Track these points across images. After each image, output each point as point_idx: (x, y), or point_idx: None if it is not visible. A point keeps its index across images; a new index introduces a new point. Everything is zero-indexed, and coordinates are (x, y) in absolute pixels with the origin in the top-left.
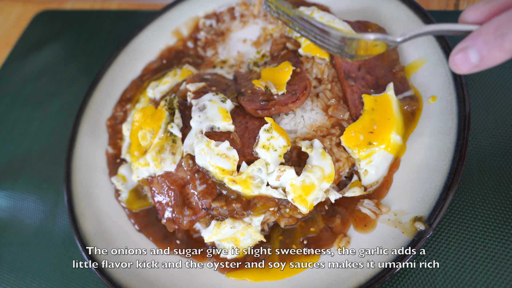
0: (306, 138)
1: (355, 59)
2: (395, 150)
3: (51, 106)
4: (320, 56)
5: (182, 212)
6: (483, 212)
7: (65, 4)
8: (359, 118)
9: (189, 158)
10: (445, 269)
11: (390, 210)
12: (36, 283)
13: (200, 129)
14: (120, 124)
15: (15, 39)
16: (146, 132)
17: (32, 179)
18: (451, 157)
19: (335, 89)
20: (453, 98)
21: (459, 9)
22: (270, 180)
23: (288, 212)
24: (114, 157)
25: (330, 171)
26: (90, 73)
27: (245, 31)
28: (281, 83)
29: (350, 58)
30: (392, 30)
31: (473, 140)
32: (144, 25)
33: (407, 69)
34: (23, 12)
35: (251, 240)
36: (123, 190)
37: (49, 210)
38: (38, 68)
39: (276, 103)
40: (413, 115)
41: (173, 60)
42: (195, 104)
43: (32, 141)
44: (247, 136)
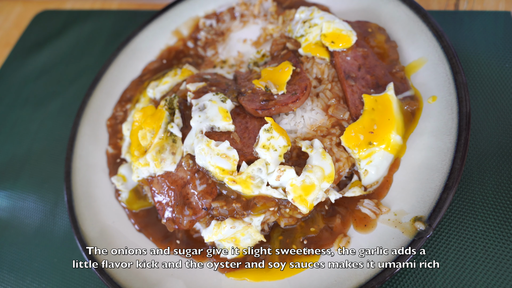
0: (306, 138)
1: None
2: (395, 150)
3: (51, 106)
4: (320, 56)
5: (182, 212)
6: (483, 212)
7: (65, 4)
8: (359, 118)
9: (189, 158)
10: (445, 269)
11: (390, 210)
12: (36, 283)
13: (200, 129)
14: (120, 124)
15: (15, 39)
16: (146, 132)
17: (32, 179)
18: (451, 157)
19: (335, 89)
20: (453, 98)
21: (459, 9)
22: (270, 180)
23: (288, 212)
24: (114, 157)
25: (330, 171)
26: (90, 73)
27: (245, 31)
28: (281, 83)
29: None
30: (392, 30)
31: (473, 140)
32: (144, 25)
33: (407, 69)
34: (23, 12)
35: (251, 240)
36: (123, 190)
37: (49, 210)
38: (38, 68)
39: (276, 103)
40: (413, 115)
41: (173, 60)
42: (195, 104)
43: (32, 141)
44: (247, 136)
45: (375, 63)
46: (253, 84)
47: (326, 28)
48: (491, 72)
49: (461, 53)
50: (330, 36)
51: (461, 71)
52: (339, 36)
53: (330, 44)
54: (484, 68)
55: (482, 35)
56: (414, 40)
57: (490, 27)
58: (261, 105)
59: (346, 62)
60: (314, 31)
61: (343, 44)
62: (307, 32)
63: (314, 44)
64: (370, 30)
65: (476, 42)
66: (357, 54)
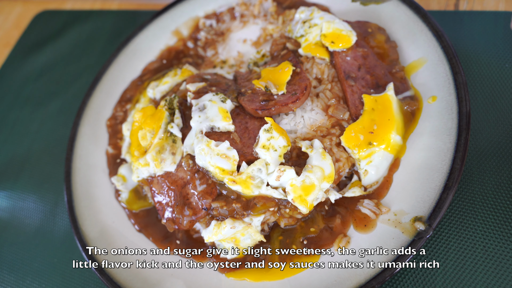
0: (306, 138)
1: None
2: (395, 150)
3: (51, 106)
4: (320, 56)
5: (182, 212)
6: (483, 212)
7: (65, 4)
8: (359, 118)
9: (189, 158)
10: (445, 269)
11: (390, 210)
12: (36, 283)
13: (200, 129)
14: (120, 124)
15: (15, 39)
16: (146, 132)
17: (32, 179)
18: (451, 157)
19: (335, 89)
20: (453, 98)
21: (459, 9)
22: (270, 180)
23: (288, 212)
24: (114, 157)
25: (330, 171)
26: (90, 73)
27: (245, 31)
28: (281, 83)
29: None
30: (392, 30)
31: (473, 140)
32: (144, 25)
33: (407, 69)
34: (23, 12)
35: (251, 240)
36: (123, 190)
37: (49, 210)
38: (38, 68)
39: (276, 103)
40: (413, 115)
41: (173, 60)
42: (195, 104)
43: (32, 141)
44: (247, 136)
45: (375, 63)
46: (253, 84)
47: (326, 28)
48: (491, 72)
49: (461, 53)
50: (330, 36)
51: (461, 71)
52: (339, 36)
53: (330, 44)
54: (484, 68)
55: (482, 35)
56: (414, 40)
57: (490, 27)
58: (261, 105)
59: (346, 62)
60: (314, 31)
61: (343, 44)
62: (307, 32)
63: (314, 44)
64: (370, 30)
65: (476, 42)
66: (357, 54)
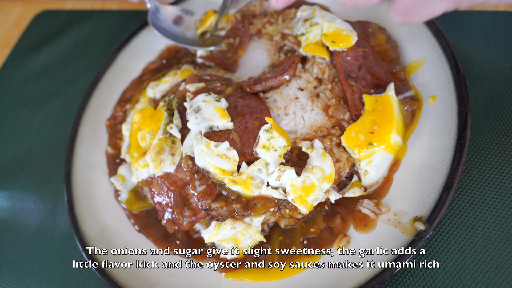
0: (306, 138)
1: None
2: (395, 150)
3: (51, 106)
4: (320, 55)
5: (182, 213)
6: (483, 212)
7: (65, 4)
8: (360, 119)
9: (188, 158)
10: (445, 269)
11: (390, 210)
12: (36, 283)
13: (199, 130)
14: (120, 124)
15: (15, 39)
16: (145, 133)
17: (32, 179)
18: (451, 157)
19: (335, 89)
20: (453, 98)
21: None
22: (270, 180)
23: (288, 213)
24: (113, 157)
25: (330, 172)
26: (90, 73)
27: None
28: None
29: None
30: (392, 30)
31: (473, 140)
32: (144, 25)
33: (407, 69)
34: (23, 12)
35: (251, 241)
36: (122, 190)
37: (49, 210)
38: (38, 68)
39: (267, 78)
40: (413, 115)
41: (172, 60)
42: (189, 106)
43: (32, 141)
44: (247, 136)
45: (375, 63)
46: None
47: (327, 27)
48: (491, 72)
49: (461, 53)
50: (330, 36)
51: (461, 71)
52: (340, 36)
53: (331, 44)
54: (484, 68)
55: (482, 35)
56: (414, 40)
57: (490, 27)
58: (254, 81)
59: (347, 62)
60: (314, 30)
61: (343, 44)
62: (308, 31)
63: (315, 43)
64: (370, 30)
65: (476, 42)
66: (358, 54)
